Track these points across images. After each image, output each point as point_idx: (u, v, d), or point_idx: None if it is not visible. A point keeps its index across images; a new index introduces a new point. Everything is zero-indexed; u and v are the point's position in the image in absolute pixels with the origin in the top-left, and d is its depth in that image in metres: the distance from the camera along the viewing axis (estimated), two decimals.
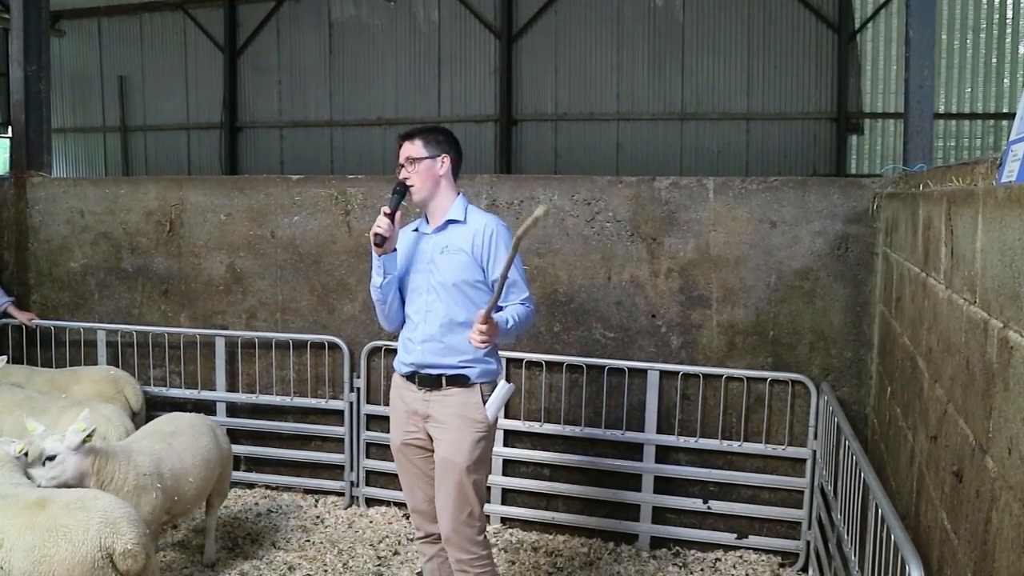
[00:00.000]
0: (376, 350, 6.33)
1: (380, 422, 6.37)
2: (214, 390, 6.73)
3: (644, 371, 5.81)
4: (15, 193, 7.37)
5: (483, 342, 3.72)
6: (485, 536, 4.11)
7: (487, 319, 3.68)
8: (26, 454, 4.24)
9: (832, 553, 4.56)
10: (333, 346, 6.42)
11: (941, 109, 15.34)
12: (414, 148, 4.05)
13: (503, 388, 4.01)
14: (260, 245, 6.65)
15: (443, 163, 4.07)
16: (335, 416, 6.47)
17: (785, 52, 16.47)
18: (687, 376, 5.75)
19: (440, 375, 4.00)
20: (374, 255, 4.02)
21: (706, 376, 5.71)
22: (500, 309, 3.91)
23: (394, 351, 6.18)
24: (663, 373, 5.78)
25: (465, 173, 3.87)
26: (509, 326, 3.88)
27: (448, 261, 3.99)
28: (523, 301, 4.01)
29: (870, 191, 5.41)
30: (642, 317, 5.83)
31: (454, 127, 16.59)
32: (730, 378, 5.68)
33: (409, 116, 18.63)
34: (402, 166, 4.06)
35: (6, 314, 7.04)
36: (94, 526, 3.68)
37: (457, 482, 3.96)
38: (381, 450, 6.36)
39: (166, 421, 5.20)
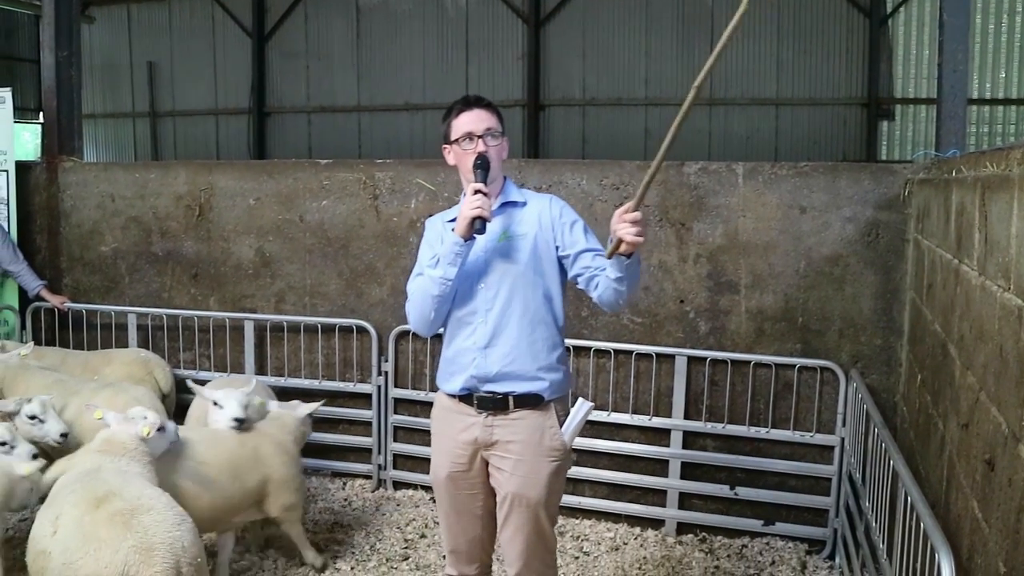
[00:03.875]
0: (404, 334, 6.35)
1: (408, 406, 6.40)
2: (243, 373, 6.77)
3: (672, 357, 5.79)
4: (47, 178, 7.45)
5: (640, 233, 3.06)
6: (555, 561, 3.69)
7: (637, 209, 3.06)
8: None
9: (860, 541, 4.54)
10: (361, 330, 6.44)
11: (974, 94, 15.14)
12: (495, 120, 3.53)
13: (582, 408, 3.48)
14: (289, 229, 6.67)
15: (506, 144, 3.62)
16: (363, 399, 6.49)
17: (815, 37, 16.32)
18: (715, 362, 5.74)
19: (507, 395, 3.44)
20: (454, 243, 3.35)
21: (734, 362, 5.69)
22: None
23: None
24: (691, 359, 5.77)
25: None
26: (641, 263, 3.35)
27: (511, 248, 3.46)
28: None
29: (901, 177, 5.36)
30: (670, 303, 5.81)
31: None
32: (758, 364, 5.65)
33: (436, 101, 18.61)
34: (480, 137, 3.48)
35: (39, 297, 7.13)
36: (124, 550, 3.39)
37: (532, 519, 3.46)
38: (408, 434, 6.39)
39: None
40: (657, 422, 5.84)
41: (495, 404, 3.45)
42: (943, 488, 3.43)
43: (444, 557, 5.24)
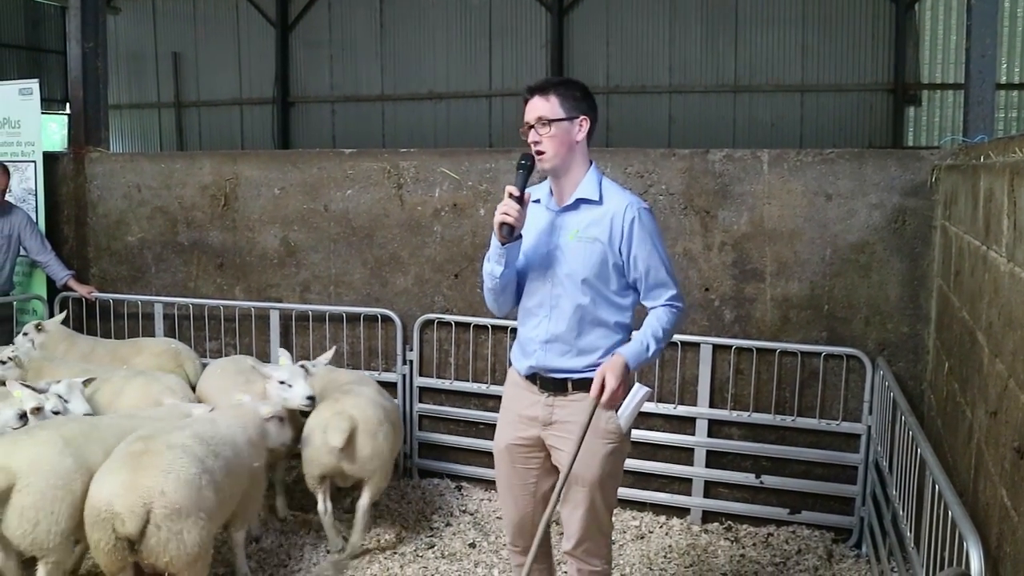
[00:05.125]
0: (428, 323, 6.36)
1: (432, 394, 6.41)
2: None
3: (697, 345, 5.77)
4: (74, 168, 7.51)
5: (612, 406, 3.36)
6: (610, 548, 3.77)
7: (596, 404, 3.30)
8: None
9: (887, 530, 4.53)
10: (386, 319, 6.46)
11: (1003, 79, 14.97)
12: (548, 106, 3.37)
13: (638, 393, 3.44)
14: (313, 219, 6.70)
15: (581, 127, 3.44)
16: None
17: (841, 22, 16.17)
18: (740, 350, 5.71)
19: (566, 379, 3.50)
20: (494, 241, 3.41)
21: (759, 350, 5.67)
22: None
23: (447, 324, 6.28)
24: (716, 347, 5.75)
25: (519, 146, 3.69)
26: (650, 353, 3.42)
27: (579, 250, 3.42)
28: (669, 301, 3.48)
29: (928, 163, 5.31)
30: (695, 291, 5.79)
31: (504, 101, 16.51)
32: (784, 352, 5.62)
33: (460, 90, 18.64)
34: (531, 127, 3.41)
35: (67, 287, 7.20)
36: (114, 482, 3.80)
37: (586, 497, 3.52)
38: (434, 422, 6.40)
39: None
40: (682, 410, 5.83)
41: (555, 386, 3.52)
42: (971, 476, 3.41)
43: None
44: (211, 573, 4.61)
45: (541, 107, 3.39)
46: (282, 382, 4.99)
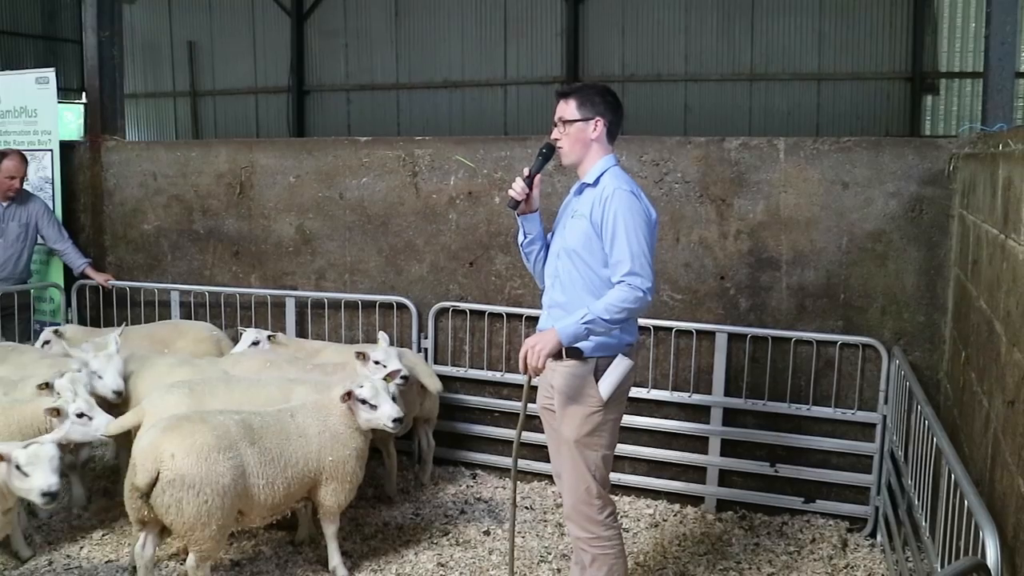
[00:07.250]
0: (443, 311, 6.37)
1: (447, 382, 6.40)
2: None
3: (712, 333, 5.76)
4: (91, 157, 7.55)
5: (535, 369, 3.62)
6: (612, 516, 3.92)
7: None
8: None
9: (902, 519, 4.52)
10: (401, 306, 6.47)
11: (1022, 67, 14.84)
12: (567, 109, 3.86)
13: (620, 364, 3.77)
14: (329, 207, 6.71)
15: (596, 127, 3.84)
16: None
17: (858, 10, 16.08)
18: (756, 339, 5.70)
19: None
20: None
21: (775, 339, 5.65)
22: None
23: (462, 312, 6.30)
24: (731, 335, 5.73)
25: (533, 134, 3.81)
26: (585, 324, 3.58)
27: (573, 226, 3.83)
28: (623, 277, 3.64)
29: (946, 152, 5.28)
30: (711, 279, 5.78)
31: (519, 89, 16.41)
32: (799, 341, 5.61)
33: (475, 78, 18.63)
34: (556, 125, 3.91)
35: (84, 275, 7.23)
36: (145, 437, 4.20)
37: (569, 456, 3.84)
38: (448, 410, 6.40)
39: None
40: (697, 399, 5.82)
41: (555, 353, 3.75)
42: (988, 466, 3.39)
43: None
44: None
45: (562, 109, 3.89)
46: (363, 401, 4.64)
